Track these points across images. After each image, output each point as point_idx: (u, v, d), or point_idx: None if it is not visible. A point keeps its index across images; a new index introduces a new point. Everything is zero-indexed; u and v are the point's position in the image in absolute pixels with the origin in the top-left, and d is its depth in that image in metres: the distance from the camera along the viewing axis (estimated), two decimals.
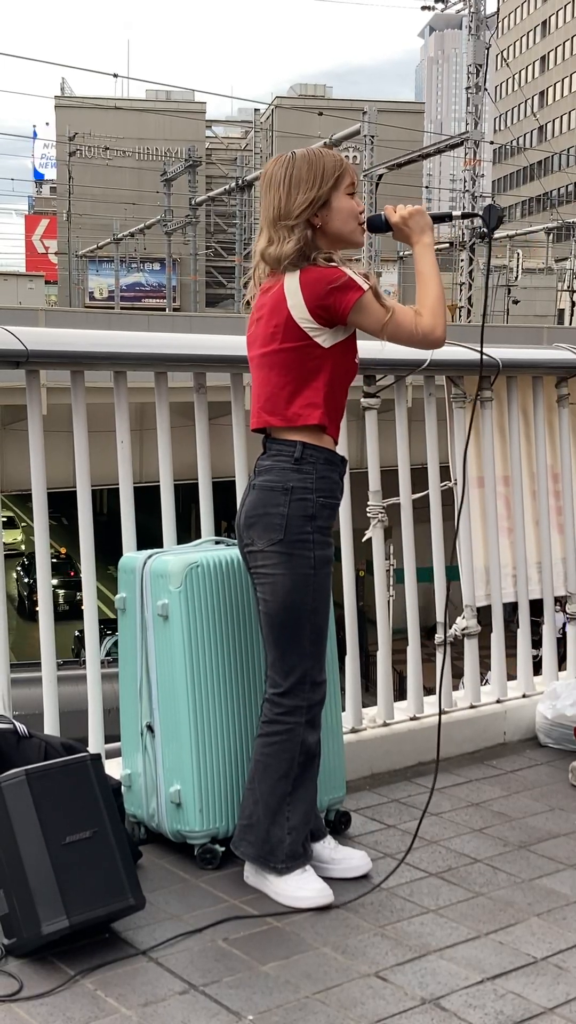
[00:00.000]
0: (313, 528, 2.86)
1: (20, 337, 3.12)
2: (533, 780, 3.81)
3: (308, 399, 2.86)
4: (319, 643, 2.91)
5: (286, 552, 2.85)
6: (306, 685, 2.88)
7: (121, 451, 3.44)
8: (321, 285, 2.79)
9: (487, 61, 30.51)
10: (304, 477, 2.86)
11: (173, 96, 67.41)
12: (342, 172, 2.89)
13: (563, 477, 4.51)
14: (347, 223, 2.90)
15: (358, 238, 2.95)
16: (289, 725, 2.88)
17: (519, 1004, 2.43)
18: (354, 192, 2.93)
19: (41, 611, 3.34)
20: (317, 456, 2.87)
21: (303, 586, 2.86)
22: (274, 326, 2.84)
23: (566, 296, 51.31)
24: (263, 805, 2.90)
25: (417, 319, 2.88)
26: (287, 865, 2.88)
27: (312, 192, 2.85)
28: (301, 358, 2.84)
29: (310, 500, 2.85)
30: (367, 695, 3.92)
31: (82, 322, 25.52)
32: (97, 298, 58.25)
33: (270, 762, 2.90)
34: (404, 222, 2.99)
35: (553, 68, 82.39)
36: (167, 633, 3.02)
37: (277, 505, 2.85)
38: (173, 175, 48.63)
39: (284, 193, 2.86)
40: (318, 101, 58.58)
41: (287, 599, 2.86)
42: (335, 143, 33.39)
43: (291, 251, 2.83)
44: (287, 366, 2.86)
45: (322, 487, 2.87)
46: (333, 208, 2.87)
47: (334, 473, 2.91)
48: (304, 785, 2.92)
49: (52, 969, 2.51)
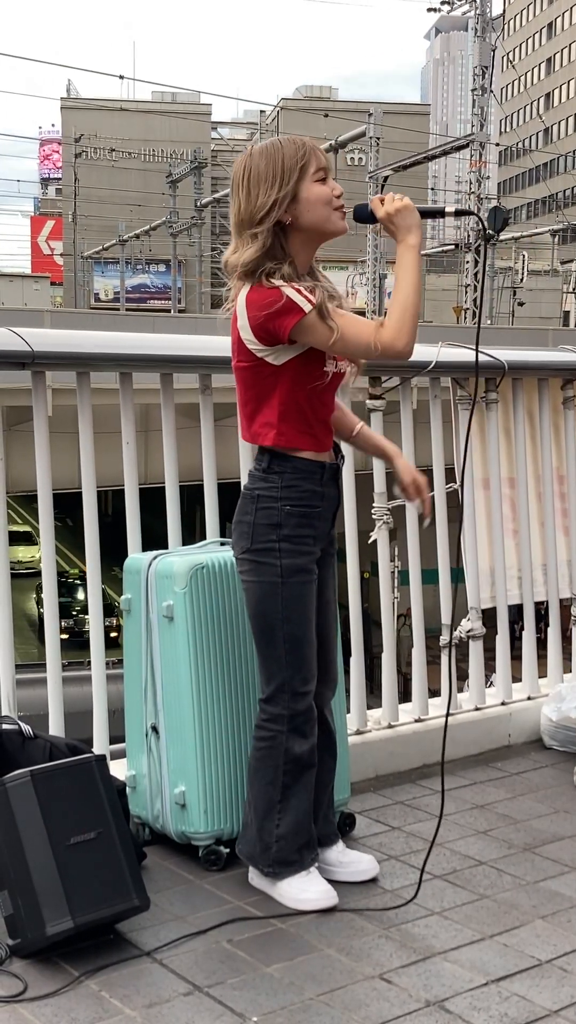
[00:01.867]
0: (280, 536, 2.79)
1: (26, 338, 3.12)
2: (538, 782, 3.81)
3: (265, 418, 2.78)
4: (296, 653, 2.82)
5: (254, 560, 2.82)
6: (285, 694, 2.83)
7: (126, 452, 3.44)
8: (260, 307, 2.65)
9: (493, 63, 30.48)
10: (270, 486, 2.80)
11: (179, 98, 67.50)
12: (305, 160, 2.69)
13: (569, 479, 4.50)
14: (318, 212, 2.71)
15: (337, 225, 2.75)
16: (272, 732, 2.85)
17: (523, 1006, 2.42)
18: (325, 176, 2.72)
19: (46, 612, 3.34)
20: (284, 465, 2.79)
21: (271, 595, 2.81)
22: (233, 340, 2.77)
23: (572, 298, 51.30)
24: (253, 809, 2.90)
25: (378, 332, 2.69)
26: (275, 870, 2.86)
27: (274, 192, 2.66)
28: (255, 376, 2.77)
29: (275, 508, 2.79)
30: (372, 697, 3.92)
31: (87, 323, 25.55)
32: (102, 299, 58.32)
33: (258, 767, 2.88)
34: (390, 219, 2.75)
35: (559, 70, 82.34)
36: (172, 634, 3.02)
37: (246, 513, 2.83)
38: (178, 177, 48.67)
39: (244, 196, 2.70)
40: (324, 103, 58.63)
41: (258, 607, 2.84)
42: (341, 145, 33.39)
43: (249, 259, 2.68)
44: (246, 383, 2.80)
45: (289, 495, 2.79)
46: (301, 200, 2.69)
47: (307, 481, 2.80)
48: (296, 795, 2.87)
49: (56, 970, 2.51)
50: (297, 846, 2.87)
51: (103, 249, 54.95)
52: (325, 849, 3.01)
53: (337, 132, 33.92)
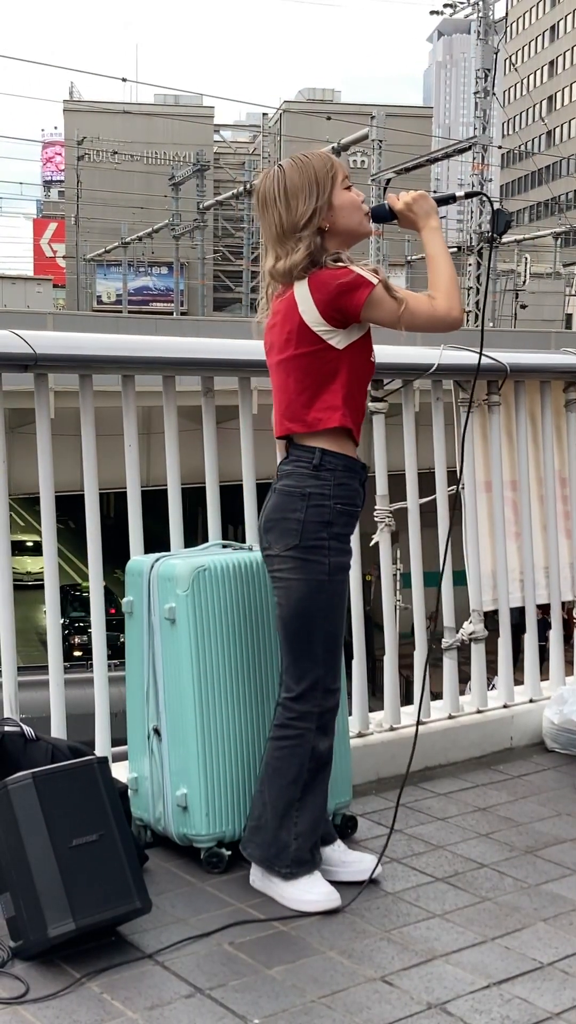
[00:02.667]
0: (330, 535, 2.85)
1: (28, 341, 3.13)
2: (540, 785, 3.81)
3: (327, 402, 2.85)
4: (333, 650, 2.90)
5: (301, 557, 2.85)
6: (318, 691, 2.88)
7: (129, 455, 3.45)
8: (331, 286, 2.78)
9: (495, 66, 30.54)
10: (322, 483, 2.85)
11: (181, 100, 67.54)
12: (334, 170, 2.87)
13: (571, 482, 4.50)
14: (352, 216, 2.88)
15: (366, 228, 2.94)
16: (300, 730, 2.88)
17: (525, 1009, 2.42)
18: (350, 184, 2.92)
19: (48, 612, 3.34)
20: (336, 462, 2.86)
21: (317, 592, 2.86)
22: (287, 332, 2.84)
23: (574, 301, 51.26)
24: (271, 808, 2.90)
25: (432, 303, 2.86)
26: (292, 870, 2.87)
27: (312, 200, 2.83)
28: (316, 362, 2.84)
29: (327, 506, 2.85)
30: (373, 699, 3.92)
31: (90, 326, 25.58)
32: (105, 302, 58.40)
33: (280, 766, 2.90)
34: (408, 208, 2.96)
35: (562, 73, 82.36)
36: (174, 637, 3.02)
37: (294, 510, 2.85)
38: (181, 179, 48.70)
39: (283, 207, 2.85)
40: (326, 105, 58.71)
41: (300, 604, 2.87)
42: (343, 147, 33.40)
43: (300, 260, 2.82)
44: (303, 371, 2.85)
45: (340, 494, 2.86)
46: (336, 207, 2.85)
47: (354, 480, 2.89)
48: (314, 792, 2.91)
49: (58, 972, 2.52)
50: (311, 844, 2.90)
51: (105, 252, 54.98)
52: (324, 848, 3.02)
53: (340, 135, 33.97)
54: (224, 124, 78.85)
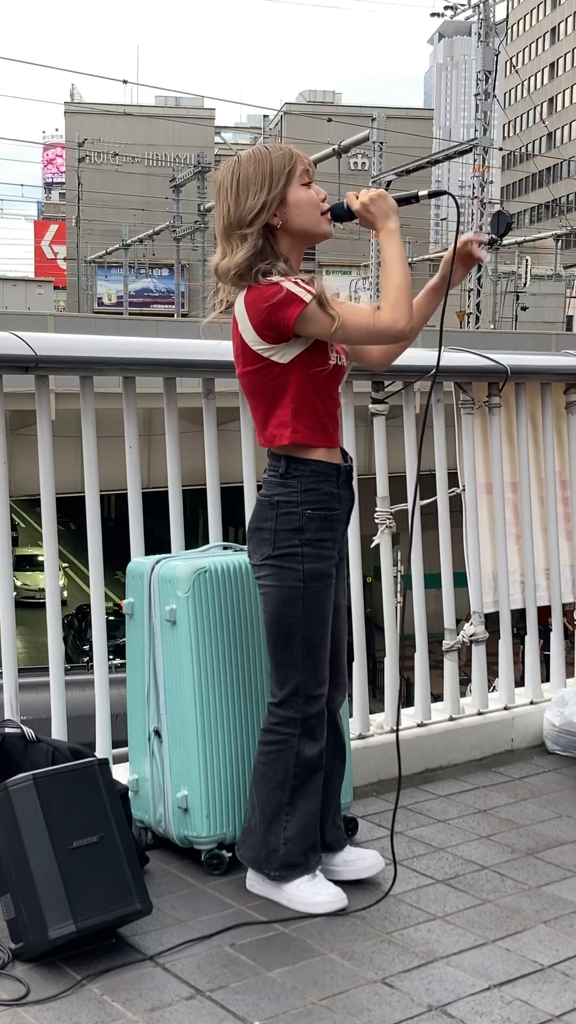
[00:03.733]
0: (302, 541, 2.81)
1: (29, 342, 3.13)
2: (540, 787, 3.80)
3: (279, 418, 2.80)
4: (313, 656, 2.85)
5: (276, 566, 2.83)
6: (300, 698, 2.85)
7: (129, 456, 3.45)
8: (261, 304, 2.68)
9: (496, 68, 30.54)
10: (289, 491, 2.81)
11: (182, 102, 67.66)
12: (292, 165, 2.75)
13: (571, 484, 4.50)
14: (307, 215, 2.77)
15: (324, 228, 2.81)
16: (283, 736, 2.86)
17: (526, 1011, 2.42)
18: (310, 181, 2.79)
19: (49, 613, 3.34)
20: (302, 469, 2.81)
21: (292, 599, 2.83)
22: (236, 348, 2.80)
23: (575, 303, 51.27)
24: (259, 812, 2.89)
25: (375, 315, 2.73)
26: (280, 874, 2.86)
27: (263, 194, 2.71)
28: (263, 379, 2.78)
29: (296, 513, 2.81)
30: (374, 701, 3.92)
31: (91, 328, 25.58)
32: (106, 303, 58.44)
33: (266, 771, 2.89)
34: (366, 208, 2.80)
35: (562, 75, 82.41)
36: (175, 638, 3.02)
37: (266, 520, 2.84)
38: (182, 181, 48.72)
39: (232, 199, 2.74)
40: (327, 107, 58.81)
41: (277, 612, 2.85)
42: (344, 149, 33.43)
43: (240, 261, 2.72)
44: (254, 388, 2.82)
45: (309, 499, 2.81)
46: (290, 204, 2.74)
47: (325, 483, 2.83)
48: (304, 797, 2.88)
49: (59, 974, 2.51)
50: (303, 849, 2.88)
51: (106, 253, 55.03)
52: (333, 854, 3.01)
53: (341, 137, 34.00)
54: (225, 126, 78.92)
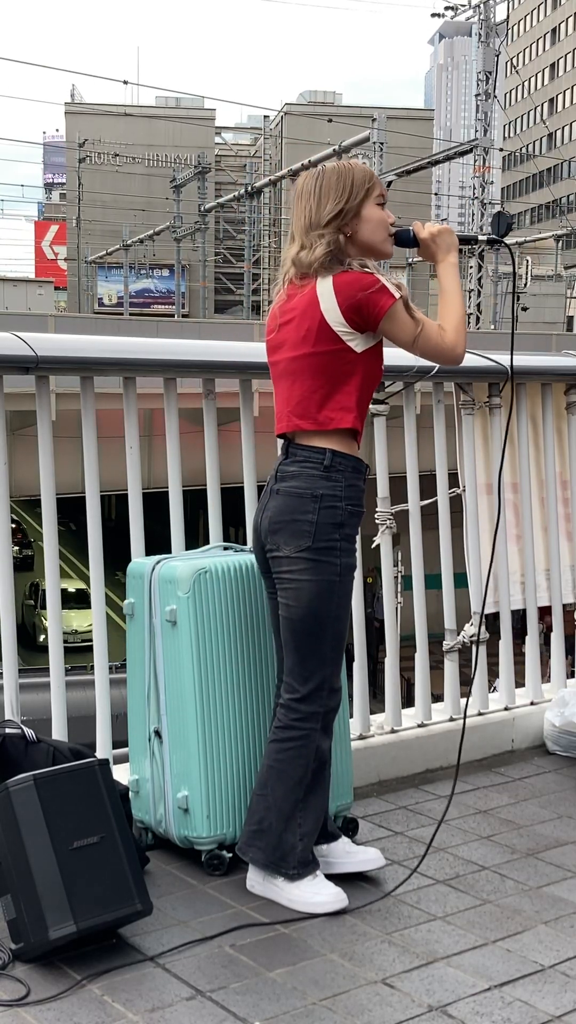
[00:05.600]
0: (341, 536, 2.87)
1: (30, 343, 3.13)
2: (541, 787, 3.80)
3: (340, 403, 2.86)
4: (338, 649, 2.92)
5: (313, 559, 2.86)
6: (324, 691, 2.90)
7: (130, 457, 3.45)
8: (355, 289, 2.81)
9: (497, 68, 30.57)
10: (333, 485, 2.86)
11: (183, 103, 67.65)
12: (372, 184, 2.92)
13: (572, 484, 4.50)
14: (376, 233, 2.93)
15: (387, 248, 2.97)
16: (305, 731, 2.89)
17: (526, 1012, 2.42)
18: (384, 203, 2.96)
19: (49, 613, 3.34)
20: (346, 464, 2.88)
21: (328, 593, 2.87)
22: (306, 329, 2.85)
23: (575, 303, 51.28)
24: (276, 811, 2.90)
25: (442, 334, 2.90)
26: (299, 871, 2.88)
27: (342, 202, 2.88)
28: (334, 362, 2.85)
29: (339, 508, 2.86)
30: (375, 702, 3.92)
31: (91, 328, 25.58)
32: (106, 304, 58.43)
33: (285, 768, 2.89)
34: (432, 239, 3.01)
35: (563, 75, 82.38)
36: (175, 639, 3.02)
37: (306, 512, 2.86)
38: (182, 181, 48.77)
39: (315, 202, 2.90)
40: (328, 108, 58.74)
41: (311, 605, 2.87)
42: (344, 150, 33.41)
43: (320, 255, 2.85)
44: (319, 369, 2.86)
45: (350, 495, 2.89)
46: (363, 218, 2.90)
47: (360, 480, 2.92)
48: (316, 792, 2.92)
49: (59, 974, 2.52)
50: (312, 845, 2.93)
51: (107, 254, 55.06)
52: (332, 844, 3.04)
53: (341, 137, 34.00)
54: (225, 126, 78.95)
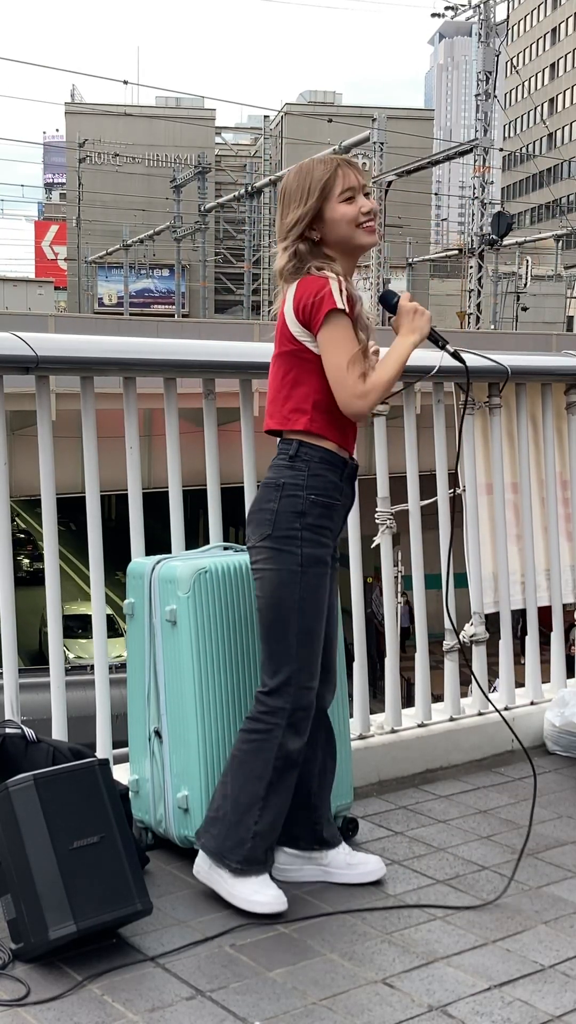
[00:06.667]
0: (303, 525, 2.83)
1: (30, 343, 3.13)
2: (541, 787, 3.80)
3: (297, 404, 2.86)
4: (307, 646, 2.85)
5: (275, 548, 2.84)
6: (291, 688, 2.84)
7: (130, 457, 3.45)
8: (306, 292, 2.79)
9: (497, 68, 30.56)
10: (296, 473, 2.84)
11: (183, 103, 67.64)
12: (332, 181, 2.85)
13: (572, 484, 4.50)
14: (342, 231, 2.86)
15: (362, 240, 2.89)
16: (269, 725, 2.84)
17: (526, 1012, 2.42)
18: (353, 195, 2.87)
19: (50, 613, 3.34)
20: (312, 454, 2.85)
21: (289, 583, 2.83)
22: (279, 328, 2.89)
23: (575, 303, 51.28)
24: (232, 801, 2.86)
25: (357, 380, 2.78)
26: (242, 867, 2.83)
27: (299, 209, 2.84)
28: (294, 362, 2.86)
29: (300, 496, 2.83)
30: (375, 702, 3.92)
31: (91, 328, 25.57)
32: (106, 304, 58.44)
33: (246, 759, 2.86)
34: (409, 315, 2.91)
35: (563, 75, 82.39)
36: (175, 639, 3.03)
37: (269, 501, 2.86)
38: (183, 181, 48.79)
39: (280, 211, 2.90)
40: (328, 108, 58.73)
41: (274, 595, 2.85)
42: (345, 150, 33.39)
43: (283, 264, 2.86)
44: (284, 369, 2.88)
45: (315, 484, 2.84)
46: (327, 220, 2.85)
47: (331, 472, 2.87)
48: (279, 793, 2.86)
49: (59, 974, 2.52)
50: (268, 846, 2.87)
51: (107, 254, 55.06)
52: (330, 851, 3.02)
53: (341, 137, 34.00)
54: (225, 126, 78.93)
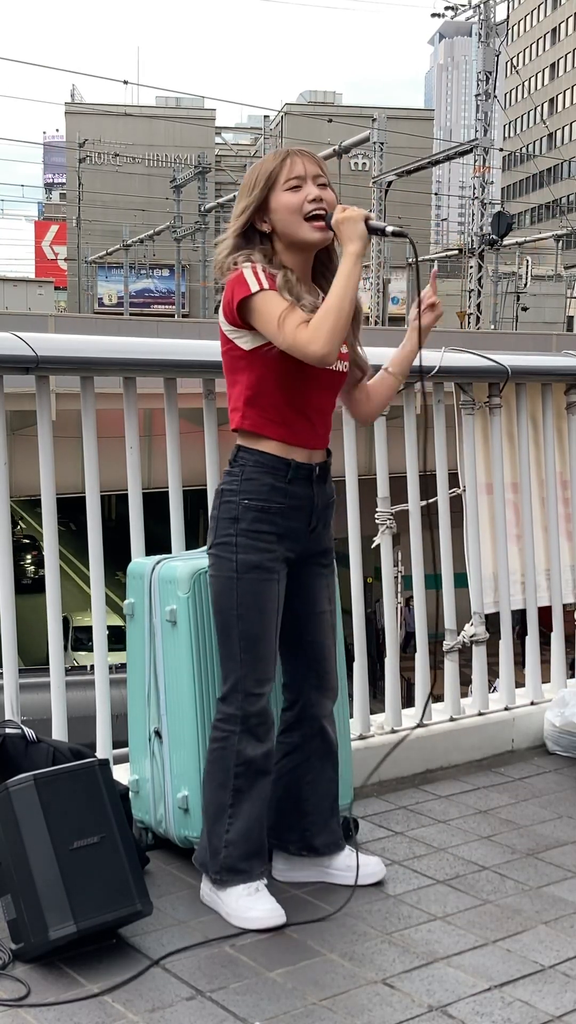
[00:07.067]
0: (237, 531, 2.78)
1: (30, 343, 3.13)
2: (541, 788, 3.80)
3: (233, 403, 2.83)
4: (251, 652, 2.78)
5: (214, 554, 2.83)
6: (239, 694, 2.78)
7: (130, 457, 3.45)
8: (226, 290, 2.74)
9: (497, 68, 30.55)
10: (232, 479, 2.82)
11: (183, 103, 67.66)
12: (276, 169, 2.76)
13: (572, 484, 4.50)
14: (287, 220, 2.76)
15: (306, 234, 2.76)
16: (225, 732, 2.80)
17: (526, 1012, 2.42)
18: (300, 184, 2.76)
19: (49, 613, 3.34)
20: (247, 458, 2.80)
21: (228, 590, 2.79)
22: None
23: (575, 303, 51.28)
24: (204, 810, 2.86)
25: (298, 330, 2.65)
26: (221, 877, 2.80)
27: (245, 199, 2.79)
28: (228, 360, 2.84)
29: (234, 502, 2.79)
30: (375, 702, 3.92)
31: (91, 328, 25.56)
32: (106, 304, 58.43)
33: (210, 769, 2.84)
34: (338, 225, 2.74)
35: (563, 75, 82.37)
36: (175, 639, 3.02)
37: (214, 508, 2.86)
38: (183, 181, 48.79)
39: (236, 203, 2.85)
40: (328, 108, 58.77)
41: (216, 601, 2.84)
42: (344, 150, 33.42)
43: (220, 259, 2.81)
44: (225, 367, 2.87)
45: (248, 489, 2.78)
46: (272, 210, 2.77)
47: (268, 476, 2.77)
48: (248, 800, 2.80)
49: (59, 974, 2.51)
50: (245, 854, 2.80)
51: (107, 254, 55.05)
52: (332, 856, 3.00)
53: (341, 137, 34.01)
54: (225, 127, 78.95)
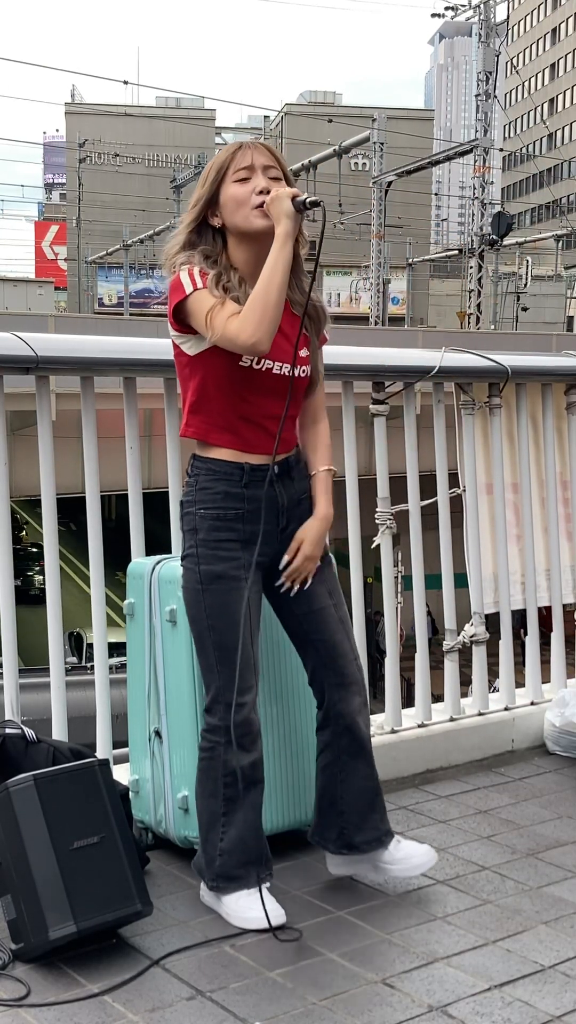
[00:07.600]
0: (197, 542, 2.76)
1: (30, 343, 3.13)
2: (541, 788, 3.80)
3: (185, 410, 2.81)
4: (226, 662, 2.74)
5: (183, 567, 2.83)
6: (220, 705, 2.75)
7: (130, 457, 3.45)
8: (169, 292, 2.71)
9: (497, 68, 30.53)
10: (188, 490, 2.81)
11: (183, 103, 67.65)
12: (226, 162, 2.72)
13: (572, 484, 4.50)
14: (235, 213, 2.71)
15: (252, 223, 2.69)
16: (211, 743, 2.79)
17: (526, 1012, 2.42)
18: (248, 176, 2.70)
19: (50, 613, 3.34)
20: (199, 467, 2.78)
21: (196, 602, 2.79)
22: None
23: (575, 303, 51.28)
24: (198, 819, 2.86)
25: (228, 322, 2.60)
26: (218, 884, 2.79)
27: (198, 192, 2.76)
28: (178, 367, 2.82)
29: (191, 513, 2.78)
30: (375, 702, 3.91)
31: (92, 328, 25.56)
32: (106, 304, 58.39)
33: (201, 778, 2.83)
34: (268, 207, 2.67)
35: (563, 75, 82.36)
36: (175, 638, 3.02)
37: (180, 519, 2.86)
38: (183, 182, 48.75)
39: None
40: (328, 108, 58.74)
41: (188, 614, 2.83)
42: (344, 150, 33.44)
43: (167, 255, 2.77)
44: (177, 376, 2.85)
45: (203, 499, 2.75)
46: (221, 203, 2.73)
47: (221, 483, 2.74)
48: (241, 809, 2.78)
49: (59, 974, 2.52)
50: (241, 862, 2.78)
51: (107, 254, 55.03)
52: (379, 850, 2.92)
53: (341, 137, 34.02)
54: (225, 127, 78.87)
